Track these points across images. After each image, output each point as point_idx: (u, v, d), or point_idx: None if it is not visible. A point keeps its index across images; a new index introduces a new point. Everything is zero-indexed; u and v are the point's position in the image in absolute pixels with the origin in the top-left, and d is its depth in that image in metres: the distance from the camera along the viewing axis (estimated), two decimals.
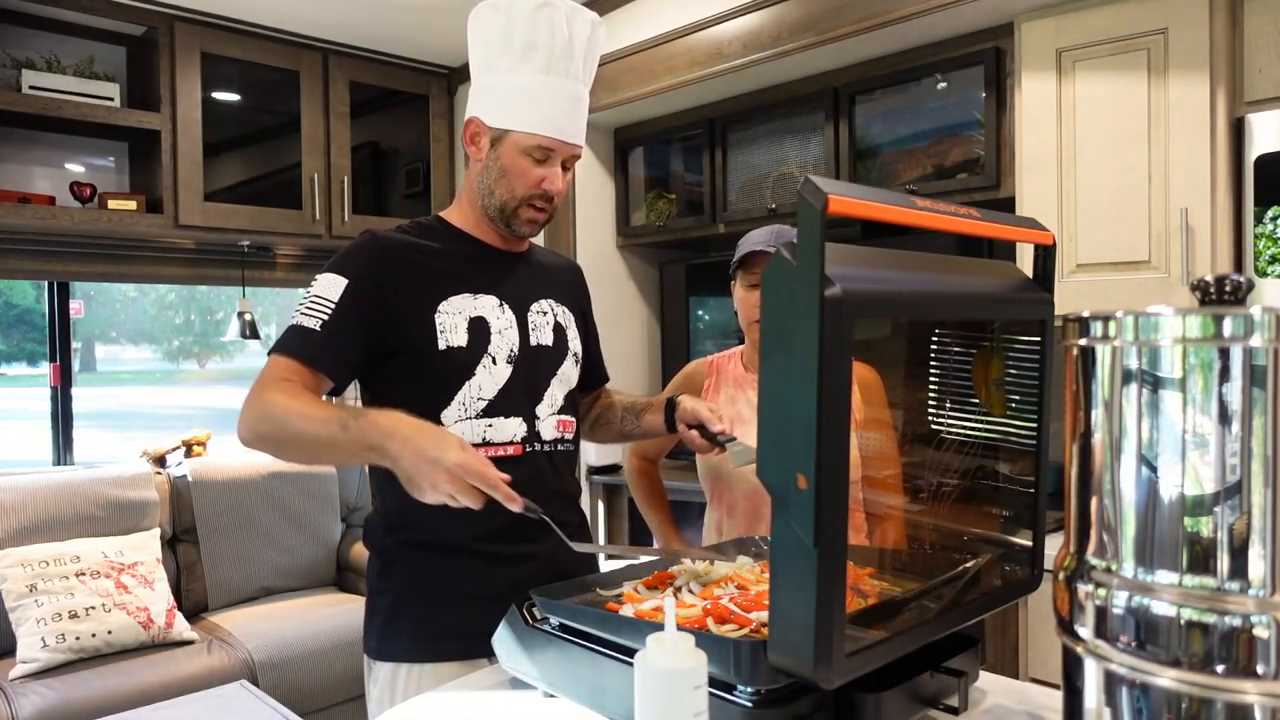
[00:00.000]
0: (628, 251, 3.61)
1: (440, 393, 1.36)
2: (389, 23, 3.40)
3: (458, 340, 1.36)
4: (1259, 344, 0.67)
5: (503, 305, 1.42)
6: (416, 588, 1.39)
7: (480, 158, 1.40)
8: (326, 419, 1.21)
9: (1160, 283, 2.05)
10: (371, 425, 1.18)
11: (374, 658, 1.41)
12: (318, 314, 1.31)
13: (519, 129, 1.35)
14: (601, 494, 3.48)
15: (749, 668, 0.85)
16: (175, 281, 3.80)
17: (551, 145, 1.37)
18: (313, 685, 2.90)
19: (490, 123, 1.38)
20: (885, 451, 1.20)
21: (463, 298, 1.39)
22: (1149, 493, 0.72)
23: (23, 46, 3.08)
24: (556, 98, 1.36)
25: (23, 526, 2.88)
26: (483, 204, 1.42)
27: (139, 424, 6.45)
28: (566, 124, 1.38)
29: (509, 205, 1.40)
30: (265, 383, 1.28)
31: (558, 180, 1.40)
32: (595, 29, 1.42)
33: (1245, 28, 1.99)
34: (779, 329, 0.77)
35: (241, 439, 1.27)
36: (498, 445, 1.38)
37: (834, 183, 0.75)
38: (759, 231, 1.75)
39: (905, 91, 2.67)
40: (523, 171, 1.37)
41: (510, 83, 1.36)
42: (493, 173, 1.39)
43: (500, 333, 1.40)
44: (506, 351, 1.40)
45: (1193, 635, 0.69)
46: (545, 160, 1.38)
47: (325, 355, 1.31)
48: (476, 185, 1.42)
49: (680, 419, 1.51)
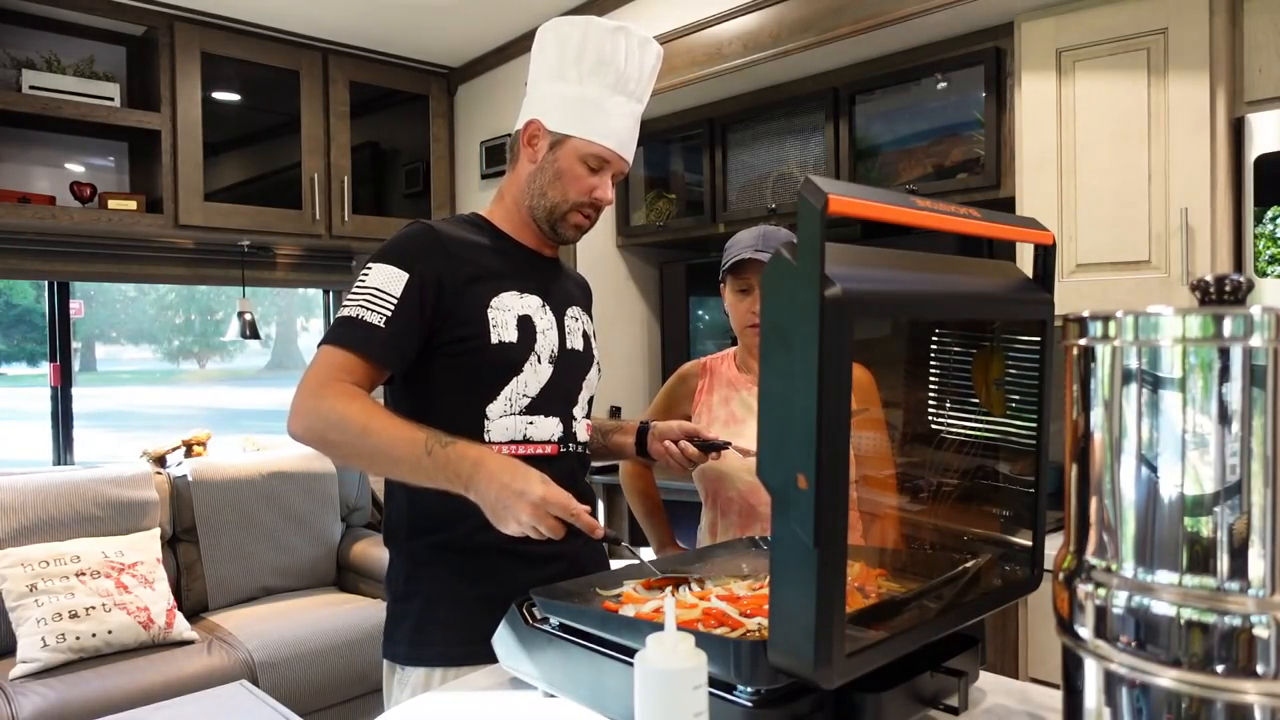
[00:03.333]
0: (628, 251, 3.61)
1: (488, 386, 1.37)
2: (389, 23, 3.40)
3: (509, 336, 1.38)
4: (1259, 344, 0.67)
5: (545, 306, 1.44)
6: (448, 591, 1.38)
7: (536, 159, 1.44)
8: (410, 440, 1.21)
9: (1160, 283, 2.05)
10: (460, 456, 1.19)
11: (404, 663, 1.39)
12: (380, 309, 1.30)
13: (581, 136, 1.40)
14: (601, 494, 3.48)
15: (749, 668, 0.85)
16: (175, 281, 3.81)
17: (608, 156, 1.42)
18: (313, 685, 2.90)
19: (552, 126, 1.41)
20: (880, 451, 1.20)
21: (511, 295, 1.41)
22: (1149, 493, 0.72)
23: (23, 46, 3.08)
24: (620, 114, 1.42)
25: (23, 526, 2.88)
26: (530, 204, 1.45)
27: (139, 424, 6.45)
28: (625, 139, 1.43)
29: (559, 209, 1.43)
30: (325, 381, 1.26)
31: (608, 190, 1.44)
32: (659, 60, 1.49)
33: (1245, 28, 1.99)
34: (779, 329, 0.77)
35: (297, 436, 1.26)
36: (536, 443, 1.40)
37: (834, 183, 0.74)
38: (747, 234, 1.74)
39: (905, 91, 2.67)
40: (577, 177, 1.41)
41: (580, 93, 1.40)
42: (547, 174, 1.42)
43: (543, 333, 1.42)
44: (549, 351, 1.43)
45: (1193, 635, 0.69)
46: (599, 170, 1.43)
47: (390, 352, 1.30)
48: (526, 186, 1.45)
49: (664, 436, 1.56)
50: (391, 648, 1.42)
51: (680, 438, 1.55)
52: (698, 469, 1.79)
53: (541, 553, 1.36)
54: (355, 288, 1.34)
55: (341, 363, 1.28)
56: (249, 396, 7.78)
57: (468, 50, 3.72)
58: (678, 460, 1.55)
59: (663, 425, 1.58)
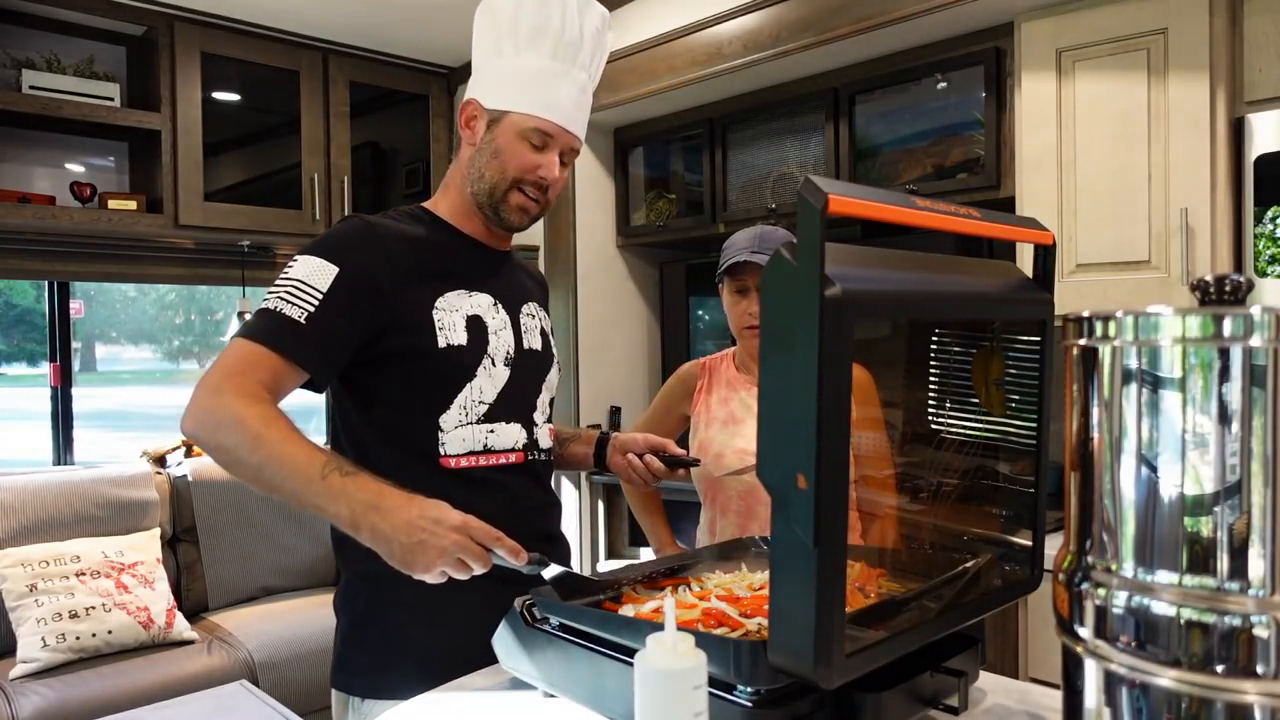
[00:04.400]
0: (628, 251, 3.61)
1: (439, 395, 1.27)
2: (389, 23, 3.40)
3: (457, 339, 1.27)
4: (1259, 344, 0.67)
5: (496, 305, 1.34)
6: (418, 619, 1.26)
7: (474, 141, 1.33)
8: (308, 459, 1.08)
9: (1160, 282, 2.05)
10: (360, 487, 1.06)
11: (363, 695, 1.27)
12: (302, 303, 1.17)
13: (518, 110, 1.29)
14: (601, 494, 3.48)
15: (749, 668, 0.85)
16: (175, 281, 3.81)
17: (551, 130, 1.30)
18: (313, 685, 2.90)
19: (488, 104, 1.31)
20: (878, 451, 1.20)
21: (459, 294, 1.30)
22: (1149, 493, 0.72)
23: (23, 46, 3.08)
24: (561, 83, 1.30)
25: (23, 526, 2.88)
26: (472, 189, 1.34)
27: (139, 424, 6.45)
28: (569, 110, 1.31)
29: (499, 188, 1.32)
30: (229, 375, 1.13)
31: (554, 168, 1.32)
32: (604, 23, 1.36)
33: (1245, 28, 1.99)
34: (779, 329, 0.77)
35: (187, 433, 1.13)
36: (499, 452, 1.31)
37: (834, 183, 0.74)
38: (743, 235, 1.73)
39: (905, 91, 2.67)
40: (517, 154, 1.30)
41: (515, 64, 1.30)
42: (485, 154, 1.32)
43: (496, 333, 1.32)
44: (504, 353, 1.33)
45: (1193, 635, 0.69)
46: (544, 147, 1.31)
47: (308, 350, 1.17)
48: (466, 170, 1.34)
49: (625, 449, 1.47)
50: (347, 678, 1.30)
51: (645, 451, 1.45)
52: (695, 471, 1.79)
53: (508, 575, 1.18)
54: (277, 280, 1.21)
55: (252, 357, 1.15)
56: None
57: (468, 50, 3.70)
58: (640, 475, 1.45)
59: (625, 437, 1.49)
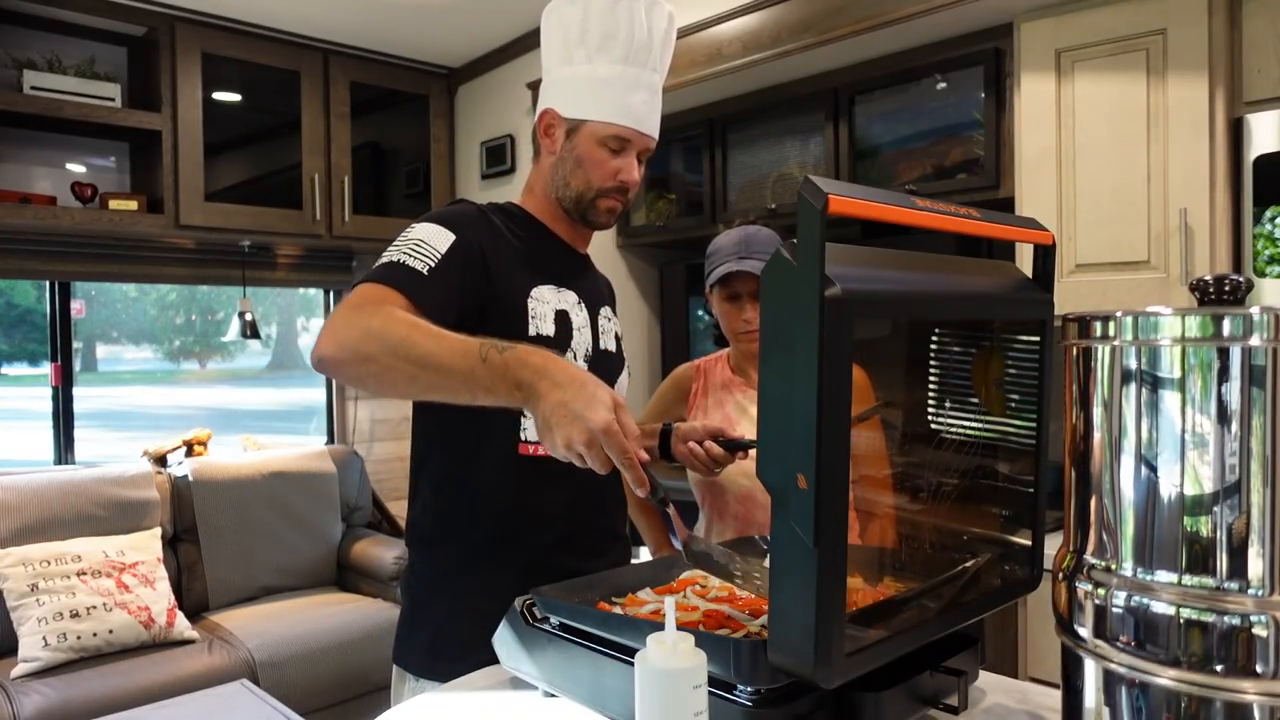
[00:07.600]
0: (628, 251, 3.61)
1: None
2: (389, 23, 3.41)
3: (547, 329, 1.31)
4: (1258, 344, 0.67)
5: (580, 304, 1.38)
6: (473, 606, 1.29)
7: (555, 150, 1.37)
8: (463, 346, 1.06)
9: (1159, 283, 2.05)
10: (521, 362, 1.03)
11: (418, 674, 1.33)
12: (424, 258, 1.20)
13: (596, 119, 1.32)
14: None
15: (749, 668, 0.85)
16: (176, 281, 3.81)
17: (628, 135, 1.34)
18: (313, 685, 2.90)
19: (566, 113, 1.34)
20: (876, 451, 1.20)
21: (550, 288, 1.34)
22: (1148, 492, 0.72)
23: (24, 47, 3.09)
24: (634, 88, 1.33)
25: (24, 526, 2.89)
26: (557, 195, 1.39)
27: (140, 424, 6.45)
28: (643, 114, 1.34)
29: (585, 196, 1.36)
30: (363, 303, 1.13)
31: (634, 171, 1.36)
32: (671, 22, 1.38)
33: (1244, 28, 1.99)
34: (779, 329, 0.77)
35: (325, 357, 1.11)
36: None
37: (834, 183, 0.75)
38: (727, 240, 1.71)
39: (905, 91, 2.67)
40: (599, 162, 1.34)
41: (588, 73, 1.32)
42: (568, 164, 1.36)
43: (579, 330, 1.36)
44: (584, 350, 1.36)
45: (1192, 635, 0.69)
46: (621, 151, 1.35)
47: (431, 298, 1.18)
48: (550, 178, 1.39)
49: (687, 437, 1.49)
50: (405, 655, 1.36)
51: (705, 438, 1.48)
52: (693, 473, 1.78)
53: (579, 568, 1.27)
54: (396, 242, 1.23)
55: (380, 295, 1.15)
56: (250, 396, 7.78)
57: (468, 50, 3.73)
58: (703, 461, 1.48)
59: (685, 427, 1.53)
